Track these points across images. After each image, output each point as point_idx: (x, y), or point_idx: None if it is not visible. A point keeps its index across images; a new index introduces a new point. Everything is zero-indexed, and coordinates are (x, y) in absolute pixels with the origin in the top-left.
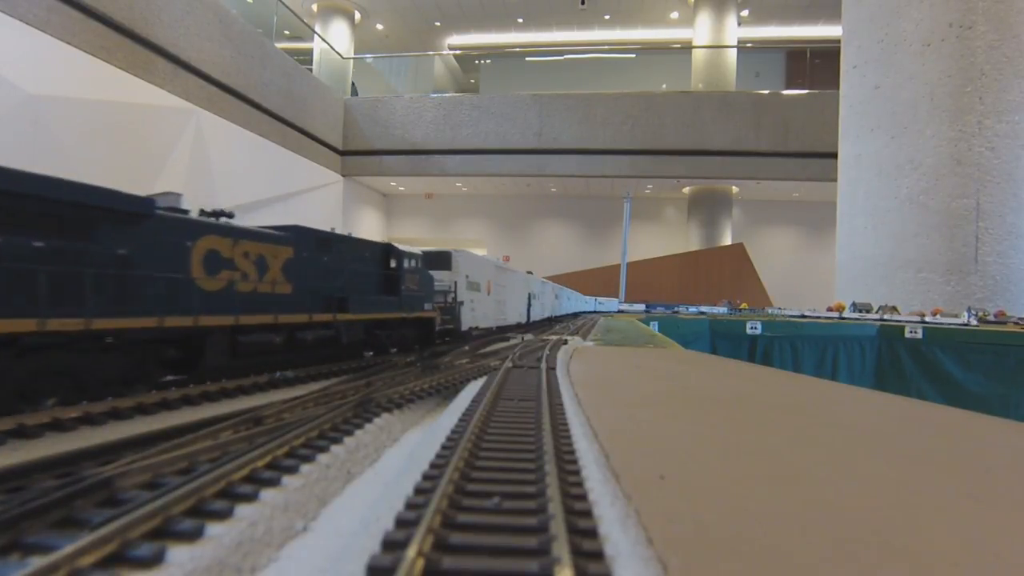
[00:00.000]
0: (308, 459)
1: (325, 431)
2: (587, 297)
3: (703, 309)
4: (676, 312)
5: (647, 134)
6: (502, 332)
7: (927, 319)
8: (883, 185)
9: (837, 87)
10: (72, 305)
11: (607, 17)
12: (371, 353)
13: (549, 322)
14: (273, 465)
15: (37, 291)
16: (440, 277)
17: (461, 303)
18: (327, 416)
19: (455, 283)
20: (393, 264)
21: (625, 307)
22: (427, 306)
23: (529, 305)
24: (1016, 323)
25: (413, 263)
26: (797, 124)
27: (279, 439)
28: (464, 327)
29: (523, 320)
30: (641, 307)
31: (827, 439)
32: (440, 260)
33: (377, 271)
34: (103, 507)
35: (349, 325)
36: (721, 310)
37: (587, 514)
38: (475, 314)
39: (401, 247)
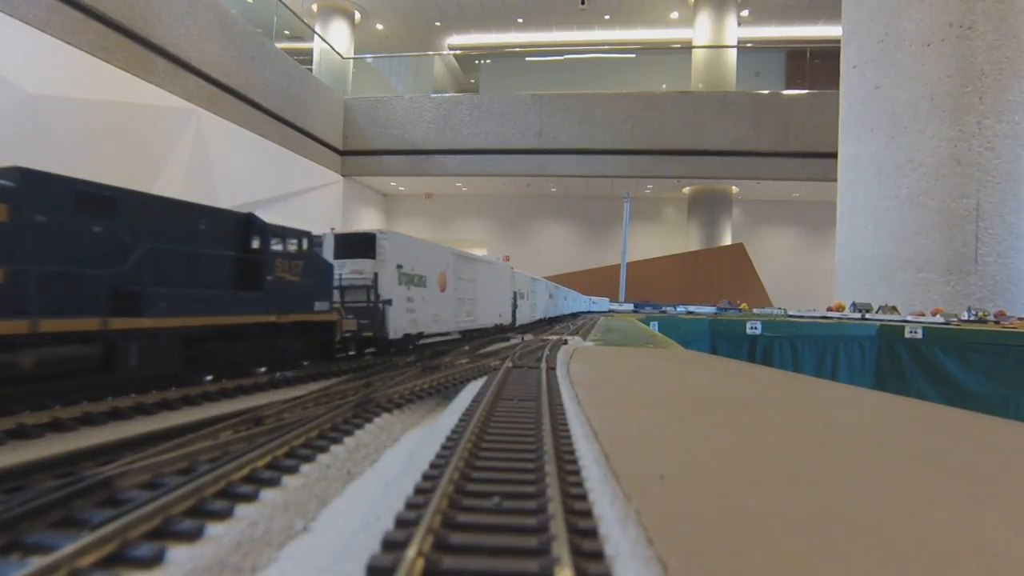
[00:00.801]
0: (308, 459)
1: (325, 431)
2: (584, 297)
3: (691, 308)
4: (663, 312)
5: (647, 134)
6: (476, 336)
7: (908, 318)
8: (883, 185)
9: (837, 87)
10: None
11: (607, 17)
12: (210, 378)
13: (542, 323)
14: (273, 465)
15: None
16: (359, 268)
17: (388, 302)
18: (327, 416)
19: (376, 275)
20: (256, 244)
21: (615, 307)
22: (320, 305)
23: (515, 305)
24: (995, 322)
25: (295, 244)
26: (797, 124)
27: (279, 439)
28: (395, 334)
29: (506, 322)
30: (630, 307)
31: (827, 439)
32: (358, 245)
33: (223, 253)
34: (103, 507)
35: (147, 337)
36: (709, 309)
37: (587, 514)
38: (416, 316)
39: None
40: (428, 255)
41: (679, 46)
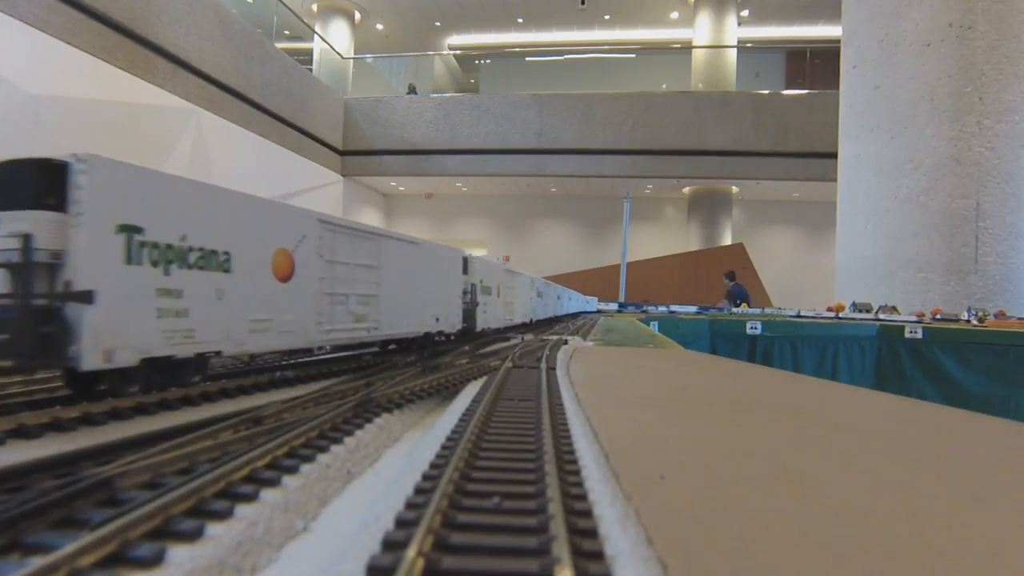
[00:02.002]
0: (308, 459)
1: (325, 431)
2: (581, 297)
3: (673, 308)
4: (644, 311)
5: (647, 134)
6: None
7: (881, 317)
8: (883, 185)
9: (837, 87)
10: None
11: (607, 17)
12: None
13: (529, 326)
14: (273, 465)
15: None
16: (18, 229)
17: (83, 297)
18: (327, 416)
19: (28, 239)
20: None
21: (601, 306)
22: None
23: (473, 303)
24: (967, 320)
25: None
26: (797, 124)
27: (279, 439)
28: (106, 359)
29: (452, 329)
30: (615, 306)
31: (827, 439)
32: (25, 185)
33: None
34: (103, 507)
35: None
36: (691, 308)
37: (587, 514)
38: (192, 322)
39: None
40: (242, 217)
41: (679, 46)
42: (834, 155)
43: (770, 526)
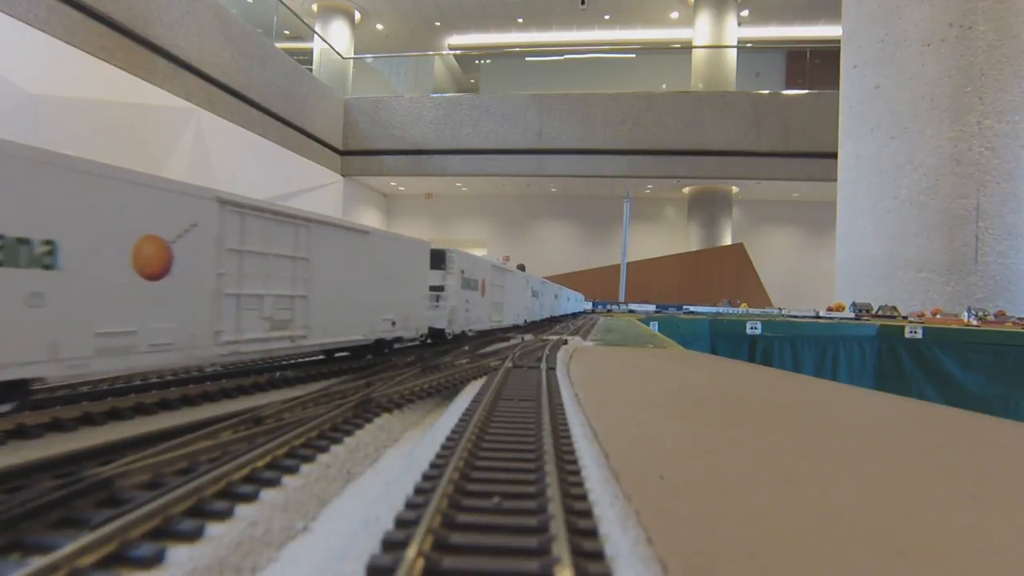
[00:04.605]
0: (308, 459)
1: (325, 431)
2: (578, 297)
3: (633, 307)
4: (609, 312)
5: (647, 134)
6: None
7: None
8: (883, 185)
9: (837, 87)
10: None
11: (607, 17)
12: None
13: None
14: (273, 465)
15: None
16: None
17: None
18: (327, 416)
19: None
20: None
21: (585, 305)
22: None
23: (451, 302)
24: (906, 317)
25: None
26: (797, 124)
27: (279, 439)
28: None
29: (414, 332)
30: (589, 305)
31: (827, 439)
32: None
33: None
34: (103, 507)
35: None
36: (650, 307)
37: (587, 514)
38: None
39: None
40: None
41: (679, 46)
42: (834, 155)
43: (770, 526)
